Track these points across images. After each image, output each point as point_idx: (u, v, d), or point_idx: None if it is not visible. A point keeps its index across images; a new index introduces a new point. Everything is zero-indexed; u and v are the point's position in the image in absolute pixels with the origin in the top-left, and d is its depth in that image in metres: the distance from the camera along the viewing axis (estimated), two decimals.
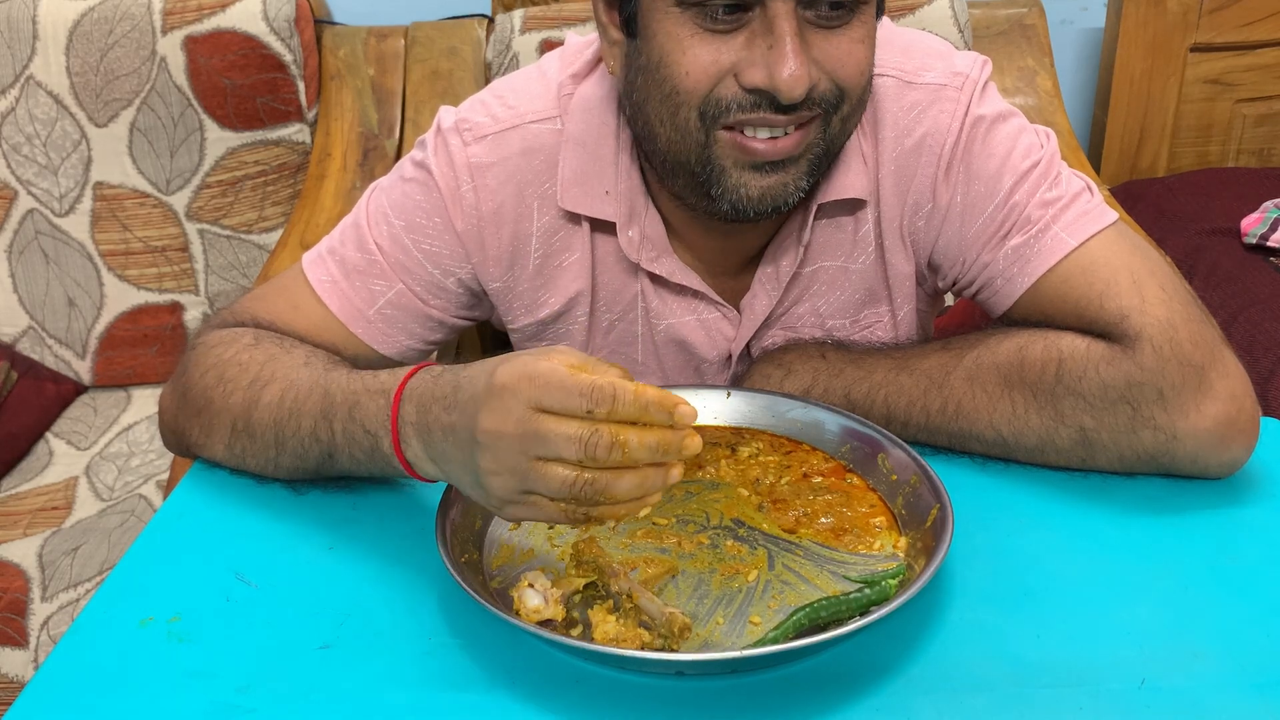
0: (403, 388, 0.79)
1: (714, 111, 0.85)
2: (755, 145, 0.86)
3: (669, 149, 0.89)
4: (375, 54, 1.93)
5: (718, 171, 0.87)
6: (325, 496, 0.91)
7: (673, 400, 0.67)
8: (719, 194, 0.88)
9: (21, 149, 1.81)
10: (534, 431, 0.67)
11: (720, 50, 0.83)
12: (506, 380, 0.68)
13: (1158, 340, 0.85)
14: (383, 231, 0.99)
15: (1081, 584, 0.80)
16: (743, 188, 0.88)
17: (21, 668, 1.41)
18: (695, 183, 0.89)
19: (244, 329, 0.96)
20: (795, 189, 0.89)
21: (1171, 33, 2.11)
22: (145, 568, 0.85)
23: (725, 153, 0.87)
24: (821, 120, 0.87)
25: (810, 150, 0.88)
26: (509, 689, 0.72)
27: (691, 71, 0.84)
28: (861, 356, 0.97)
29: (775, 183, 0.88)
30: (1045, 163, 0.94)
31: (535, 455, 0.68)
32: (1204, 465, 0.87)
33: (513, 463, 0.68)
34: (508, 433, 0.68)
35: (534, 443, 0.67)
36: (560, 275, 1.01)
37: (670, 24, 0.84)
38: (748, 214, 0.89)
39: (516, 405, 0.68)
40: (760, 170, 0.87)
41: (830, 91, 0.85)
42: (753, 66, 0.83)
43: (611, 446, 0.66)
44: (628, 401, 0.66)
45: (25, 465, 1.72)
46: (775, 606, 0.76)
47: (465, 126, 0.98)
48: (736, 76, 0.84)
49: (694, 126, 0.86)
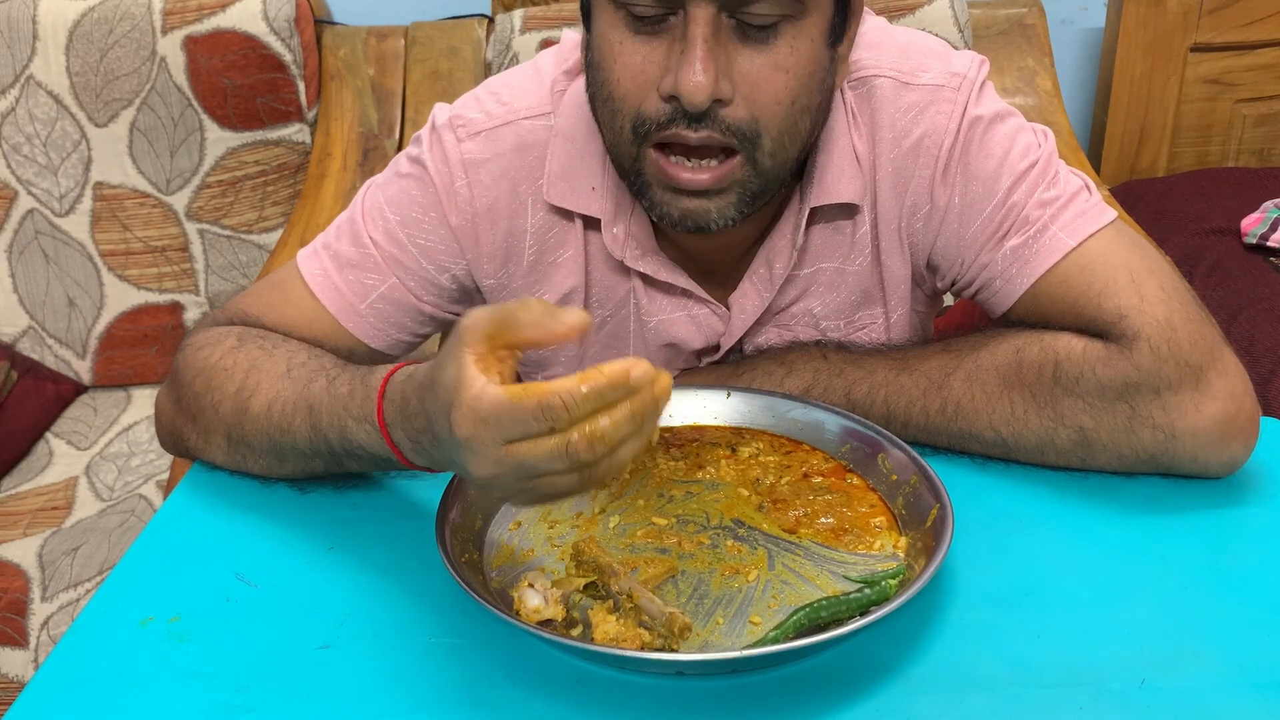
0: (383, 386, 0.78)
1: (643, 129, 0.85)
2: (673, 171, 0.85)
3: (610, 149, 0.90)
4: (375, 54, 1.93)
5: (644, 186, 0.88)
6: (326, 496, 0.91)
7: (623, 372, 0.65)
8: (647, 206, 0.89)
9: (21, 149, 1.81)
10: (517, 464, 0.66)
11: (647, 57, 0.83)
12: (466, 434, 0.67)
13: (1156, 340, 0.85)
14: (378, 226, 0.99)
15: (1081, 584, 0.80)
16: (665, 206, 0.87)
17: (21, 668, 1.41)
18: (633, 189, 0.90)
19: (229, 329, 0.96)
20: (720, 217, 0.87)
21: (1171, 33, 2.11)
22: (145, 568, 0.85)
23: (651, 170, 0.87)
24: (744, 156, 0.85)
25: (737, 185, 0.86)
26: (509, 689, 0.72)
27: (622, 79, 0.84)
28: (862, 357, 0.97)
29: (696, 207, 0.87)
30: (1043, 162, 0.94)
31: (531, 478, 0.67)
32: (1203, 464, 0.87)
33: (516, 488, 0.69)
34: (499, 473, 0.67)
35: (523, 471, 0.67)
36: (554, 272, 1.01)
37: (605, 23, 0.84)
38: (677, 229, 0.89)
39: (488, 450, 0.66)
40: (681, 194, 0.86)
41: (744, 121, 0.83)
42: (667, 73, 0.82)
43: (590, 444, 0.65)
44: (581, 402, 0.64)
45: (25, 465, 1.72)
46: (775, 606, 0.76)
47: (460, 123, 0.98)
48: (658, 88, 0.83)
49: (627, 138, 0.86)
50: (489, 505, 0.85)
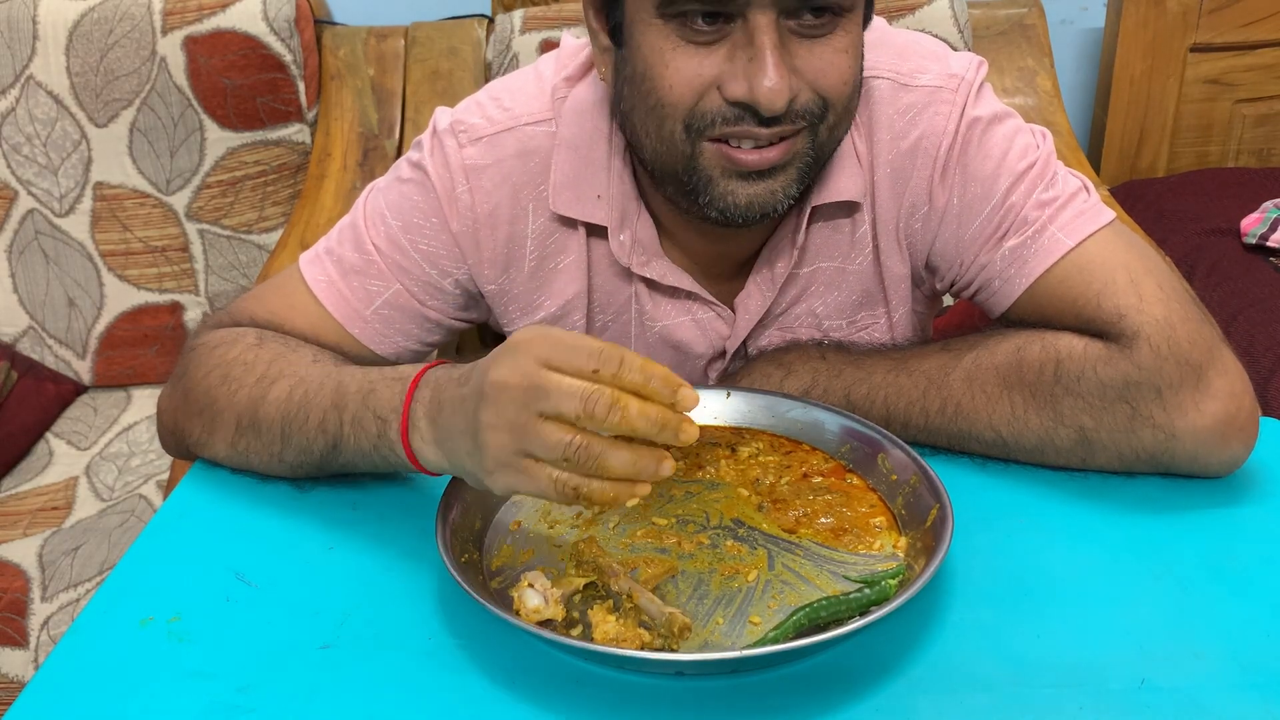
0: (421, 374, 0.81)
1: (699, 124, 0.85)
2: (741, 156, 0.85)
3: (656, 158, 0.89)
4: (375, 54, 1.93)
5: (704, 181, 0.87)
6: (326, 496, 0.91)
7: (677, 380, 0.69)
8: (706, 202, 0.88)
9: (21, 149, 1.81)
10: (538, 385, 0.69)
11: (703, 62, 0.83)
12: (521, 336, 0.71)
13: (1155, 339, 0.85)
14: (380, 232, 0.99)
15: (1081, 584, 0.80)
16: (730, 195, 0.87)
17: (21, 668, 1.41)
18: (683, 190, 0.89)
19: (246, 329, 0.96)
20: (784, 196, 0.88)
21: (1171, 33, 2.11)
22: (145, 568, 0.85)
23: (711, 162, 0.86)
24: (808, 131, 0.86)
25: (798, 159, 0.87)
26: (509, 689, 0.72)
27: (675, 85, 0.84)
28: (861, 357, 0.97)
29: (763, 190, 0.87)
30: (1041, 163, 0.94)
31: (537, 410, 0.69)
32: (1203, 464, 0.87)
33: (513, 416, 0.70)
34: (513, 385, 0.70)
35: (536, 396, 0.69)
36: (556, 278, 1.01)
37: (653, 36, 0.83)
38: (737, 220, 0.89)
39: (526, 360, 0.70)
40: (747, 179, 0.87)
41: (813, 102, 0.84)
42: (734, 79, 0.82)
43: (611, 407, 0.67)
44: (634, 368, 0.68)
45: (25, 465, 1.72)
46: (775, 606, 0.76)
47: (461, 128, 0.98)
48: (720, 89, 0.83)
49: (679, 138, 0.86)
50: (489, 505, 0.85)
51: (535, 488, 0.71)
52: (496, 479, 0.73)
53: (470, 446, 0.74)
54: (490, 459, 0.72)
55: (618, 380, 0.68)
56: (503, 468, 0.72)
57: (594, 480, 0.70)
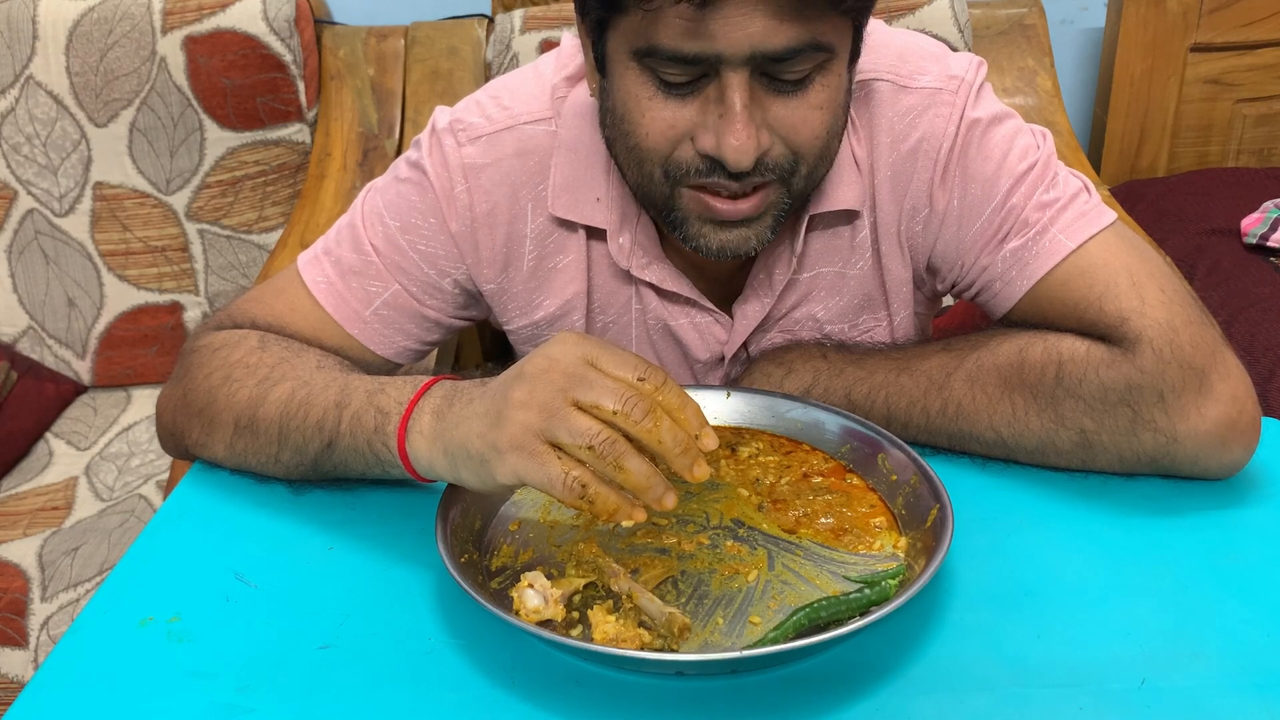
0: (439, 378, 0.82)
1: (675, 173, 0.85)
2: (716, 205, 0.85)
3: (638, 190, 0.90)
4: (375, 54, 1.93)
5: (681, 220, 0.88)
6: (326, 496, 0.91)
7: (705, 419, 0.73)
8: (683, 238, 0.89)
9: (21, 149, 1.81)
10: (583, 375, 0.71)
11: (677, 114, 0.82)
12: (571, 334, 0.74)
13: (1158, 342, 0.85)
14: (378, 232, 0.99)
15: (1081, 584, 0.80)
16: (703, 238, 0.88)
17: (21, 668, 1.41)
18: (664, 220, 0.90)
19: (248, 332, 0.96)
20: (757, 241, 0.88)
21: (1171, 33, 2.11)
22: (145, 568, 0.85)
23: (689, 206, 0.87)
24: (780, 184, 0.86)
25: (773, 209, 0.87)
26: (509, 689, 0.72)
27: (650, 133, 0.84)
28: (863, 357, 0.97)
29: (736, 237, 0.87)
30: (1042, 164, 0.94)
31: (574, 397, 0.71)
32: (1204, 467, 0.87)
33: (547, 397, 0.71)
34: (556, 370, 0.72)
35: (577, 383, 0.71)
36: (555, 278, 1.01)
37: (630, 80, 0.83)
38: (711, 259, 0.90)
39: (573, 352, 0.73)
40: (721, 226, 0.87)
41: (784, 157, 0.84)
42: (705, 132, 0.82)
43: (648, 412, 0.70)
44: (674, 390, 0.72)
45: (25, 465, 1.72)
46: (775, 606, 0.76)
47: (460, 127, 0.98)
48: (692, 140, 0.83)
49: (659, 180, 0.86)
50: (489, 505, 0.85)
51: (543, 475, 0.71)
52: (506, 460, 0.73)
53: (484, 427, 0.74)
54: (507, 438, 0.72)
55: (658, 394, 0.71)
56: (517, 449, 0.72)
57: (603, 485, 0.70)
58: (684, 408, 0.72)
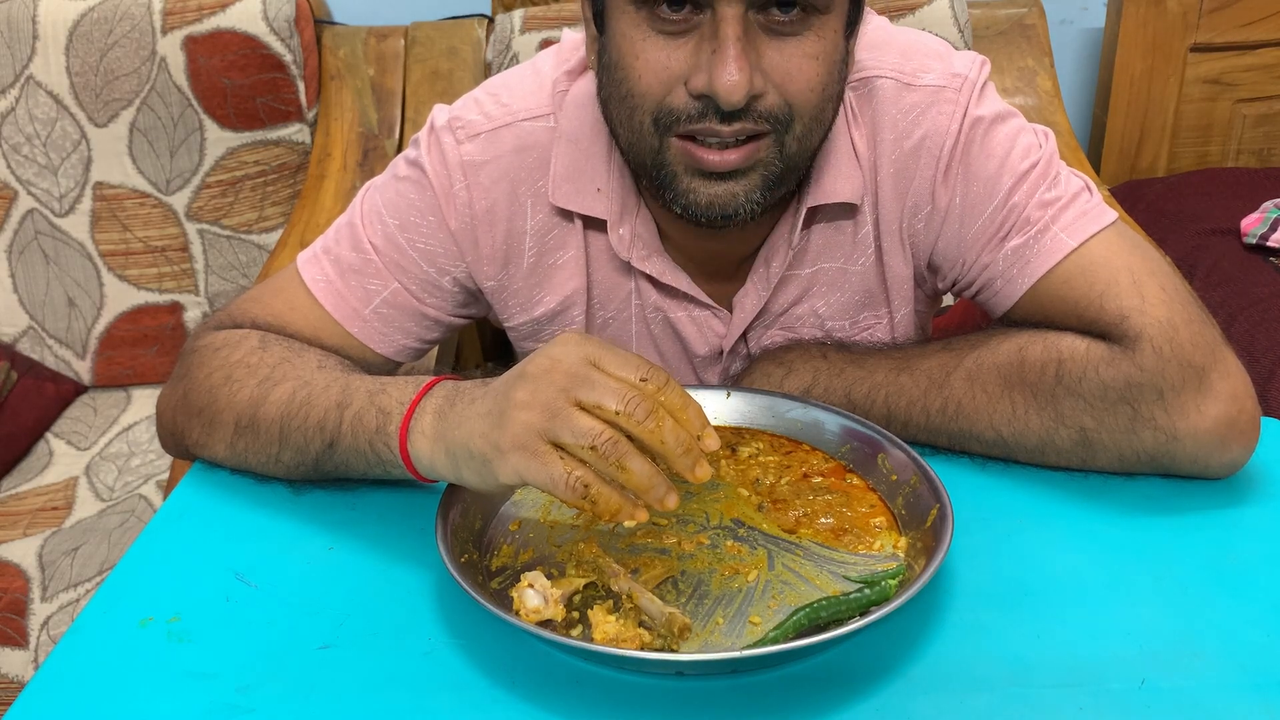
0: (441, 378, 0.82)
1: (666, 119, 0.85)
2: (703, 155, 0.85)
3: (629, 148, 0.89)
4: (375, 54, 1.93)
5: (670, 176, 0.87)
6: (326, 496, 0.91)
7: (706, 420, 0.73)
8: (671, 198, 0.88)
9: (21, 149, 1.81)
10: (585, 376, 0.71)
11: (671, 55, 0.83)
12: (573, 335, 0.74)
13: (1158, 341, 0.85)
14: (377, 230, 0.99)
15: (1081, 584, 0.80)
16: (691, 193, 0.87)
17: (21, 668, 1.41)
18: (653, 183, 0.90)
19: (249, 331, 0.96)
20: (746, 200, 0.87)
21: (1171, 33, 2.11)
22: (145, 568, 0.85)
23: (676, 158, 0.86)
24: (773, 138, 0.85)
25: (762, 166, 0.86)
26: (509, 689, 0.72)
27: (644, 76, 0.84)
28: (863, 356, 0.97)
29: (724, 192, 0.87)
30: (1044, 163, 0.94)
31: (576, 397, 0.71)
32: (1204, 466, 0.87)
33: (550, 397, 0.71)
34: (558, 370, 0.72)
35: (580, 384, 0.71)
36: (555, 274, 1.01)
37: (626, 23, 0.84)
38: (699, 220, 0.88)
39: (576, 352, 0.73)
40: (709, 179, 0.86)
41: (778, 107, 0.84)
42: (698, 71, 0.82)
43: (650, 413, 0.70)
44: (677, 391, 0.72)
45: (25, 465, 1.72)
46: (775, 606, 0.76)
47: (458, 124, 0.98)
48: (685, 83, 0.83)
49: (648, 131, 0.86)
50: (489, 505, 0.85)
51: (545, 475, 0.71)
52: (508, 460, 0.73)
53: (487, 427, 0.74)
54: (510, 438, 0.72)
55: (660, 394, 0.71)
56: (519, 449, 0.72)
57: (605, 485, 0.71)
58: (686, 408, 0.72)
